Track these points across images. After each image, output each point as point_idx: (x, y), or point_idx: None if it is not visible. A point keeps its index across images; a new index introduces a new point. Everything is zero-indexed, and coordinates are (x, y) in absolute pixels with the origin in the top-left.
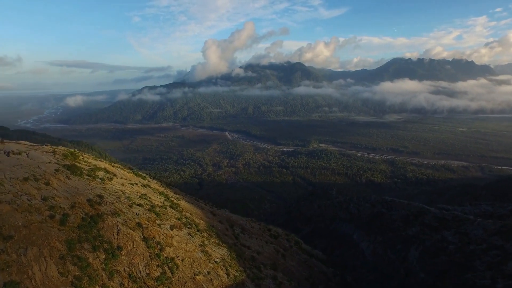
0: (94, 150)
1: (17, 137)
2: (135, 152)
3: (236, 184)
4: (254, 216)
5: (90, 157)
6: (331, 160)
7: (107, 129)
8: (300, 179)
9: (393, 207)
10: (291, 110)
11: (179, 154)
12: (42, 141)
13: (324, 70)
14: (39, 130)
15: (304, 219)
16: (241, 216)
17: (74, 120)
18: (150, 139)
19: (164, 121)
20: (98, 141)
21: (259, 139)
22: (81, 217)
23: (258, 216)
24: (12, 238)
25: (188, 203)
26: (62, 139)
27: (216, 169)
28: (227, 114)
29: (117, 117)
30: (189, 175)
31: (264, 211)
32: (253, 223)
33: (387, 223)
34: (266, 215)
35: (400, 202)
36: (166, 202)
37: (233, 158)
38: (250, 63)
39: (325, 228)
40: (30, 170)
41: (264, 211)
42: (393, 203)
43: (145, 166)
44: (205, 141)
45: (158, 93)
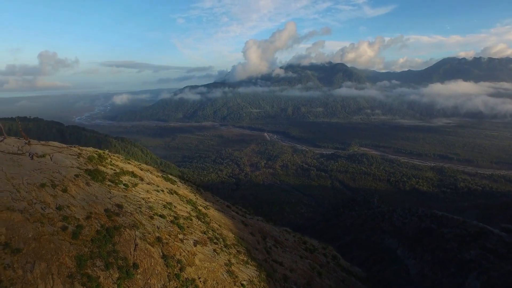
0: (136, 147)
1: (70, 132)
2: (176, 149)
3: (273, 185)
4: (290, 220)
5: (119, 159)
6: (372, 165)
7: (150, 127)
8: (339, 183)
9: (444, 224)
10: (331, 112)
11: (217, 153)
12: (90, 136)
13: (367, 71)
14: (89, 126)
15: (343, 227)
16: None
17: (121, 117)
18: (190, 137)
19: (204, 120)
20: (141, 138)
21: (297, 140)
22: (96, 229)
23: (294, 220)
24: (21, 251)
25: (218, 212)
26: (108, 135)
27: (253, 170)
28: (266, 114)
29: (159, 115)
30: (226, 175)
31: (301, 215)
32: (287, 234)
33: (438, 241)
34: (302, 220)
35: (453, 218)
36: (193, 212)
37: (271, 159)
38: (291, 63)
39: (365, 239)
40: (49, 175)
41: (300, 215)
42: (444, 218)
43: (184, 163)
44: (243, 141)
45: (199, 93)
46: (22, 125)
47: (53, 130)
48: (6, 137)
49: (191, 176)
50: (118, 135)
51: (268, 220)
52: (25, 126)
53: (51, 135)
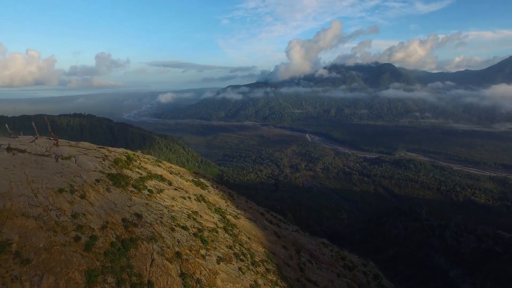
0: (178, 144)
1: (118, 129)
2: (217, 148)
3: (313, 188)
4: (329, 225)
5: (149, 160)
6: (420, 172)
7: (193, 125)
8: (382, 189)
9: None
10: (376, 114)
11: (257, 153)
12: (136, 133)
13: (417, 71)
14: (136, 123)
15: (386, 239)
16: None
17: (166, 115)
18: (231, 136)
19: (245, 119)
20: (184, 136)
21: (340, 143)
22: (110, 241)
23: (334, 226)
24: (30, 262)
25: (249, 221)
26: (153, 132)
27: (293, 171)
28: (308, 115)
29: (202, 113)
30: (265, 175)
31: (340, 221)
32: (324, 248)
33: (504, 268)
34: (342, 226)
35: None
36: (220, 223)
37: (312, 161)
38: (335, 63)
39: (411, 254)
40: (69, 180)
41: (340, 221)
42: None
43: (224, 162)
44: (284, 141)
45: (241, 92)
46: (77, 121)
47: (103, 126)
48: (38, 137)
49: (231, 175)
50: (162, 132)
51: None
52: (80, 122)
53: (101, 131)
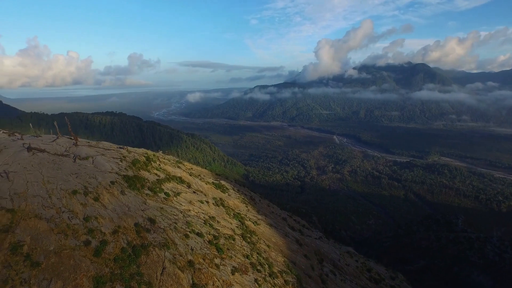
0: (205, 143)
1: (147, 127)
2: (243, 147)
3: (340, 191)
4: (356, 231)
5: (169, 162)
6: (456, 178)
7: (220, 124)
8: (413, 195)
9: None
10: (408, 116)
11: (284, 154)
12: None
13: (454, 72)
14: (165, 122)
15: (417, 249)
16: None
17: (194, 114)
18: (258, 136)
19: (272, 119)
20: (211, 135)
21: (369, 145)
22: (121, 246)
23: (361, 231)
24: (40, 265)
25: (270, 228)
26: (180, 131)
27: (320, 173)
28: (336, 116)
29: (230, 113)
30: (291, 176)
31: (368, 227)
32: (349, 258)
33: None
34: (369, 232)
35: None
36: (238, 230)
37: (339, 163)
38: (365, 64)
39: (444, 268)
40: (84, 181)
41: (367, 226)
42: None
43: (250, 162)
44: (311, 142)
45: (269, 92)
46: (109, 119)
47: (133, 124)
48: (59, 137)
49: (256, 175)
50: (190, 131)
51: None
52: (111, 120)
53: (131, 129)
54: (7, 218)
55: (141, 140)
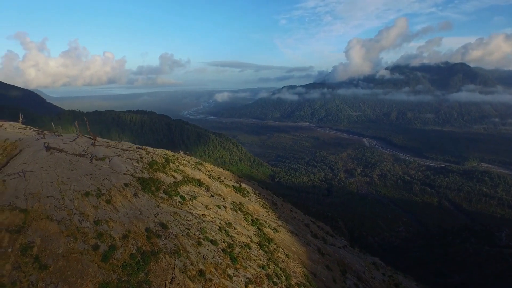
0: (232, 143)
1: (175, 125)
2: (270, 148)
3: (368, 196)
4: (384, 237)
5: (189, 163)
6: (498, 186)
7: (248, 124)
8: (448, 203)
9: None
10: (444, 119)
11: (311, 155)
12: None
13: (498, 71)
14: (194, 121)
15: (452, 262)
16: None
17: (222, 113)
18: (285, 137)
19: (300, 120)
20: (238, 134)
21: (400, 149)
22: (130, 252)
23: (389, 238)
24: (48, 268)
25: (291, 235)
26: (208, 130)
27: (348, 176)
28: (366, 118)
29: (257, 113)
30: (318, 179)
31: (397, 234)
32: (375, 270)
33: None
34: (399, 240)
35: None
36: (255, 237)
37: (368, 166)
38: (398, 64)
39: (485, 286)
40: (97, 183)
41: (397, 234)
42: None
43: (277, 163)
44: (339, 144)
45: (297, 93)
46: (139, 118)
47: (162, 123)
48: (79, 136)
49: (283, 176)
50: (217, 130)
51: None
52: (141, 119)
53: (160, 127)
54: (20, 218)
55: (169, 138)
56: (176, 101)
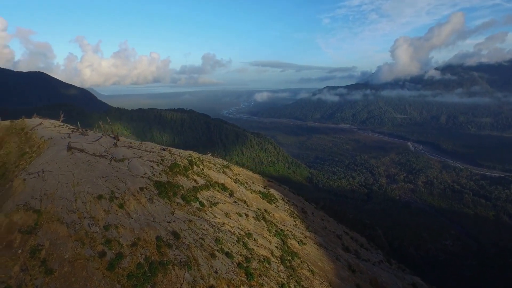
0: (269, 143)
1: (214, 124)
2: (309, 149)
3: (411, 204)
4: (428, 250)
5: (214, 166)
6: None
7: (287, 124)
8: (508, 218)
9: None
10: (504, 124)
11: (351, 158)
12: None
13: None
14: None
15: None
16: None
17: (262, 113)
18: (325, 139)
19: (341, 122)
20: (277, 135)
21: (450, 155)
22: (137, 262)
23: (434, 252)
24: (53, 273)
25: (319, 248)
26: (246, 130)
27: (390, 182)
28: (412, 121)
29: (297, 114)
30: (358, 183)
31: (444, 247)
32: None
33: None
34: (445, 254)
35: None
36: (277, 250)
37: (412, 172)
38: (450, 63)
39: None
40: (112, 185)
41: (443, 247)
42: None
43: (315, 165)
44: (382, 148)
45: (338, 94)
46: (179, 116)
47: (201, 122)
48: (103, 136)
49: (321, 179)
50: (256, 130)
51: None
52: (181, 117)
53: (199, 126)
54: (33, 219)
55: (208, 137)
56: (216, 100)
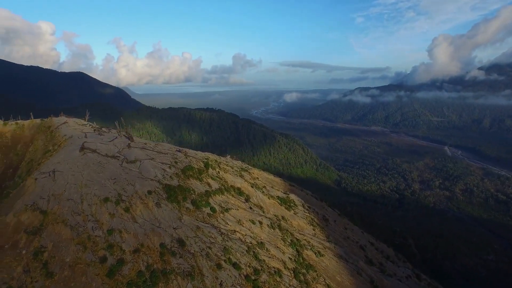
0: (298, 144)
1: (242, 124)
2: (338, 152)
3: (447, 213)
4: (465, 263)
5: (232, 169)
6: None
7: (317, 126)
8: None
9: None
10: None
11: (382, 162)
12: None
13: None
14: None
15: None
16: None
17: (291, 114)
18: (355, 141)
19: (373, 124)
20: (306, 136)
21: (493, 161)
22: (138, 269)
23: (473, 267)
24: (53, 277)
25: (338, 260)
26: (274, 131)
27: (424, 188)
28: (450, 124)
29: (327, 115)
30: (389, 188)
31: (484, 262)
32: None
33: None
34: (486, 271)
35: None
36: (291, 262)
37: (449, 179)
38: (497, 62)
39: None
40: (120, 188)
41: (484, 262)
42: None
43: (344, 168)
44: (416, 152)
45: (370, 95)
46: (208, 115)
47: (229, 121)
48: (119, 136)
49: (349, 182)
50: (284, 131)
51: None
52: (210, 116)
53: (227, 125)
54: (39, 220)
55: (236, 137)
56: (246, 100)
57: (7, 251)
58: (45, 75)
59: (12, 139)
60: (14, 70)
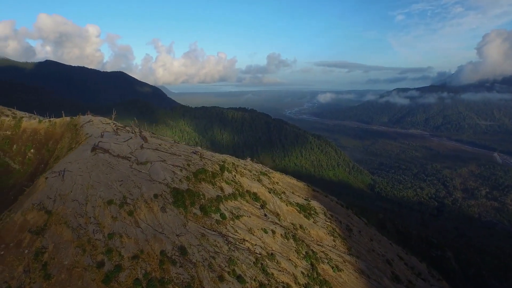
0: (330, 146)
1: (274, 124)
2: (373, 155)
3: (495, 225)
4: None
5: (250, 172)
6: None
7: (352, 127)
8: None
9: None
10: None
11: (421, 167)
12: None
13: None
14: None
15: None
16: None
17: (325, 114)
18: (392, 144)
19: (411, 127)
20: (340, 137)
21: None
22: (135, 277)
23: None
24: (50, 279)
25: (359, 276)
26: (307, 132)
27: (467, 197)
28: (501, 129)
29: (363, 116)
30: (427, 195)
31: None
32: None
33: None
34: None
35: None
36: (303, 277)
37: (499, 188)
38: None
39: None
40: (126, 190)
41: None
42: None
43: (379, 172)
44: (459, 158)
45: (409, 97)
46: (240, 115)
47: (261, 121)
48: (134, 137)
49: (384, 187)
50: (318, 131)
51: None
52: (242, 116)
53: (259, 125)
54: (44, 220)
55: (267, 137)
56: (279, 100)
57: (11, 250)
58: (90, 75)
59: (45, 135)
60: (64, 70)
